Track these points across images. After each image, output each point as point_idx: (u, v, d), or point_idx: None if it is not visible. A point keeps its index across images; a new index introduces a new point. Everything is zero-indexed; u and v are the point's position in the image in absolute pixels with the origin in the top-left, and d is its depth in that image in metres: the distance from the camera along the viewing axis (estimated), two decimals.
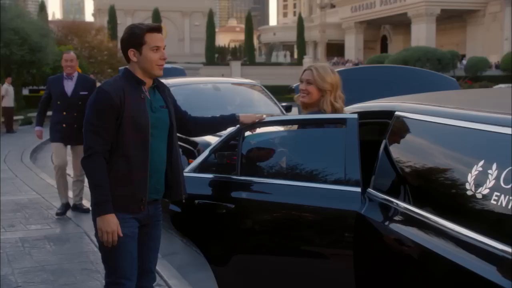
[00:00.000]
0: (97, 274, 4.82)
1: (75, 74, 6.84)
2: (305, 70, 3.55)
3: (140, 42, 2.89)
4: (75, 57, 6.89)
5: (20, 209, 7.25)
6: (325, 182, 3.13)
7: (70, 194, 7.14)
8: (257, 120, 3.46)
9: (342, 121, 3.13)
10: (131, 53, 2.91)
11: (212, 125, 3.42)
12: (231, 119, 3.42)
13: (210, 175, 3.73)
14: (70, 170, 7.24)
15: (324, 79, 3.45)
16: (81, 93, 6.70)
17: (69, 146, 6.86)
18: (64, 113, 6.67)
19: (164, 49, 2.95)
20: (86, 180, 6.21)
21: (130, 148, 2.85)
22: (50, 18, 55.98)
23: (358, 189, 2.93)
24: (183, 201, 3.18)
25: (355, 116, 3.10)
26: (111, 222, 2.82)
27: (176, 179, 3.07)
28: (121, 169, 2.86)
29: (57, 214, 6.80)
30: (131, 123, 2.84)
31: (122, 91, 2.84)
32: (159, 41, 2.92)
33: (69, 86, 6.75)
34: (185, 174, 3.26)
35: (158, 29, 2.94)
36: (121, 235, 2.84)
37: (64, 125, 6.68)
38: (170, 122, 3.03)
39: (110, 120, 2.82)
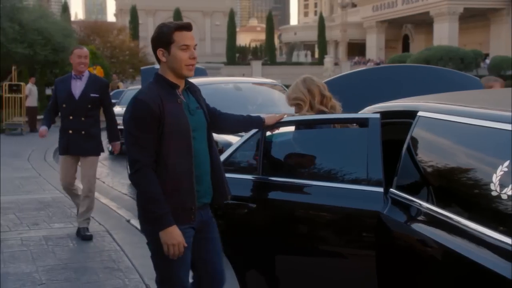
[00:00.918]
0: (119, 273, 4.86)
1: (86, 74, 5.94)
2: None
3: (169, 41, 2.80)
4: (88, 53, 6.06)
5: (44, 208, 7.34)
6: (347, 182, 3.12)
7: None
8: (278, 119, 3.42)
9: (365, 121, 3.12)
10: (160, 52, 2.84)
11: (239, 124, 3.37)
12: (258, 121, 3.36)
13: (231, 175, 3.73)
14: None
15: (291, 97, 3.89)
16: (92, 95, 5.84)
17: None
18: (71, 117, 5.83)
19: (195, 48, 2.86)
20: (94, 200, 5.94)
21: (174, 156, 2.76)
22: (72, 18, 56.65)
23: (381, 189, 2.92)
24: (228, 202, 3.09)
25: (378, 116, 3.08)
26: (176, 234, 2.74)
27: (219, 179, 3.00)
28: (167, 179, 2.76)
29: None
30: (173, 130, 2.75)
31: (159, 98, 2.76)
32: (188, 39, 2.81)
33: (77, 87, 5.87)
34: None
35: (187, 27, 2.84)
36: (186, 245, 2.77)
37: (70, 132, 5.84)
38: (207, 122, 2.97)
39: (151, 130, 2.73)
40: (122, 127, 2.94)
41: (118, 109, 14.83)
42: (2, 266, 5.02)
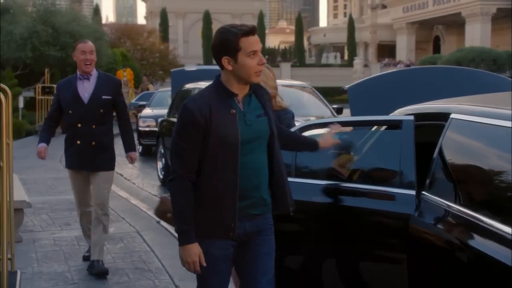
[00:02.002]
0: (150, 273, 4.90)
1: (94, 73, 4.95)
2: None
3: (235, 49, 2.58)
4: (94, 48, 5.03)
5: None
6: (379, 184, 3.10)
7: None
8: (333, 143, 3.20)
9: (398, 123, 3.09)
10: (225, 61, 2.61)
11: (294, 142, 3.14)
12: (313, 144, 3.15)
13: None
14: None
15: (274, 87, 3.89)
16: (103, 97, 4.87)
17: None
18: (79, 125, 4.84)
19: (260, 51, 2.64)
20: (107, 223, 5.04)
21: (217, 170, 2.62)
22: (103, 21, 57.17)
23: (413, 192, 2.89)
24: (291, 213, 2.89)
25: (411, 118, 3.05)
26: (192, 253, 2.63)
27: (280, 189, 2.78)
28: (207, 193, 2.64)
29: (85, 258, 5.22)
30: (219, 143, 2.59)
31: (208, 108, 2.59)
32: (255, 44, 2.60)
33: (85, 88, 4.88)
34: None
35: (253, 32, 2.61)
36: (204, 264, 2.66)
37: (78, 142, 4.85)
38: (270, 130, 2.73)
39: (194, 141, 2.60)
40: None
41: (148, 111, 14.97)
42: (36, 266, 5.10)
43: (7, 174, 3.30)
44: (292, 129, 3.55)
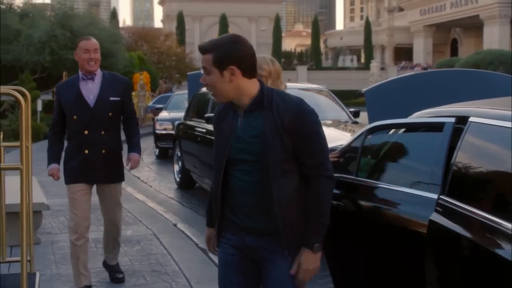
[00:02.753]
0: (166, 276, 4.92)
1: (99, 73, 4.42)
2: None
3: None
4: (98, 45, 4.43)
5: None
6: (407, 185, 3.11)
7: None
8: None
9: (440, 125, 3.04)
10: None
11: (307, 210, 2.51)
12: (308, 220, 2.50)
13: None
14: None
15: (260, 67, 3.68)
16: (111, 99, 4.38)
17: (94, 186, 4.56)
18: (86, 132, 4.31)
19: (207, 73, 2.49)
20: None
21: (213, 178, 2.66)
22: (121, 24, 57.46)
23: (435, 196, 2.87)
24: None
25: (453, 120, 2.99)
26: (206, 234, 2.86)
27: (282, 222, 2.44)
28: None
29: None
30: (215, 151, 2.60)
31: (217, 116, 2.64)
32: (203, 62, 2.51)
33: (89, 90, 4.35)
34: None
35: (201, 51, 2.49)
36: (213, 249, 2.80)
37: (86, 151, 4.32)
38: (263, 155, 2.42)
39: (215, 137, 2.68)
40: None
41: (165, 114, 15.02)
42: (54, 267, 5.15)
43: (27, 176, 3.33)
44: (360, 131, 3.63)
